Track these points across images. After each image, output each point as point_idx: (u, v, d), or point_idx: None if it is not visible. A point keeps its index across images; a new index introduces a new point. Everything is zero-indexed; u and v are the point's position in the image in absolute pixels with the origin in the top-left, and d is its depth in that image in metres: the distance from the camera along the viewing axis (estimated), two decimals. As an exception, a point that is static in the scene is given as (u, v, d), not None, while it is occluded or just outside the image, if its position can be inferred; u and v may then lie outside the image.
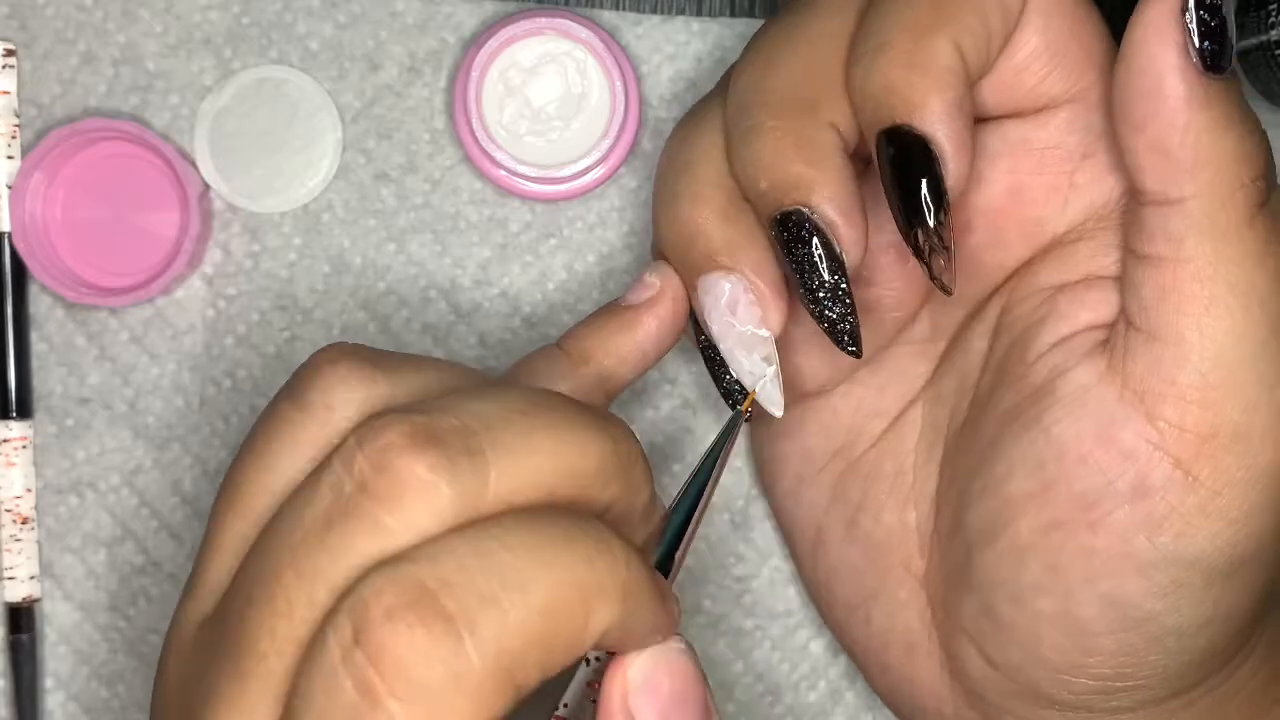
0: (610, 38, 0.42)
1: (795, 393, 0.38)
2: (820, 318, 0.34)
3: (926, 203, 0.32)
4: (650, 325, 0.35)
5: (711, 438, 0.43)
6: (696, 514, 0.34)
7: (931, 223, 0.32)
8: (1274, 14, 0.39)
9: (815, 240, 0.33)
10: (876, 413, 0.38)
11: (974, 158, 0.32)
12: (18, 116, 0.43)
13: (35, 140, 0.43)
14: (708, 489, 0.34)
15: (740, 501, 0.44)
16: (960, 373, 0.37)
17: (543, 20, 0.42)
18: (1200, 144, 0.31)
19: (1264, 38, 0.39)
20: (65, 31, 0.43)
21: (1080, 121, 0.34)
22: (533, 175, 0.42)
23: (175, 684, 0.31)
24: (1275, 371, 0.32)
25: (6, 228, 0.43)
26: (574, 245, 0.44)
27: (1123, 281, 0.33)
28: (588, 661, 0.31)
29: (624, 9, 0.44)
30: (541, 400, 0.30)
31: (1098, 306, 0.34)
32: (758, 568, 0.44)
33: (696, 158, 0.35)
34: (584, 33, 0.42)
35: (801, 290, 0.34)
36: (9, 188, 0.42)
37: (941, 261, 0.32)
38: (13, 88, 0.43)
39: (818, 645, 0.44)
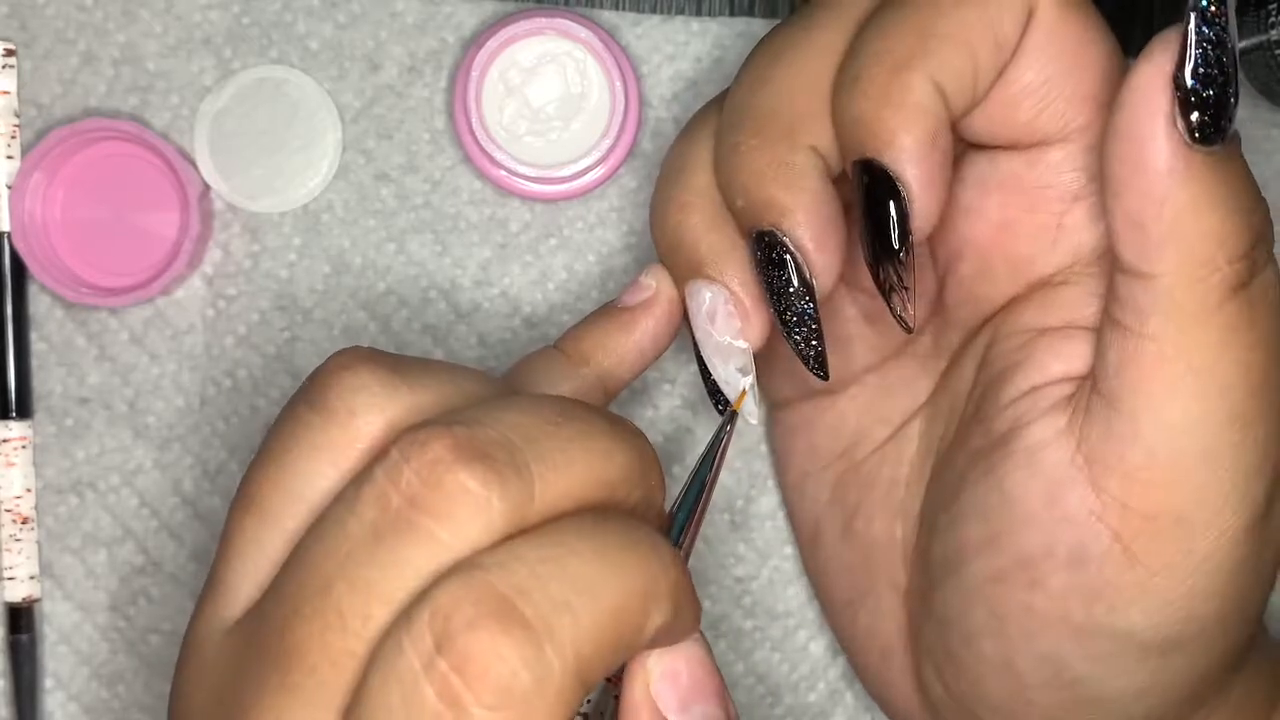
0: (610, 38, 0.42)
1: (802, 390, 0.39)
2: (788, 338, 0.34)
3: (890, 238, 0.32)
4: (647, 326, 0.36)
5: (709, 437, 0.44)
6: (698, 513, 0.34)
7: (890, 259, 0.32)
8: (1274, 14, 0.39)
9: (787, 263, 0.33)
10: (881, 419, 0.38)
11: (945, 196, 0.32)
12: (18, 116, 0.43)
13: (35, 140, 0.43)
14: (708, 488, 0.34)
15: (740, 502, 0.44)
16: (953, 395, 0.37)
17: (542, 20, 0.42)
18: (1176, 221, 0.30)
19: (1264, 37, 0.39)
20: (65, 31, 0.43)
21: (1073, 162, 0.33)
22: (533, 175, 0.42)
23: (205, 694, 0.31)
24: (1228, 460, 0.31)
25: (6, 228, 0.43)
26: (574, 245, 0.44)
27: (1098, 339, 0.32)
28: None
29: (624, 9, 0.44)
30: (570, 410, 0.30)
31: (1071, 359, 0.33)
32: (757, 568, 0.44)
33: (688, 165, 0.35)
34: (584, 33, 0.42)
35: (773, 310, 0.34)
36: (9, 188, 0.42)
37: (900, 299, 0.32)
38: (13, 87, 0.43)
39: (817, 646, 0.44)
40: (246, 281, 0.43)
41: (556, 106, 0.43)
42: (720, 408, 0.36)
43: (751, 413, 0.35)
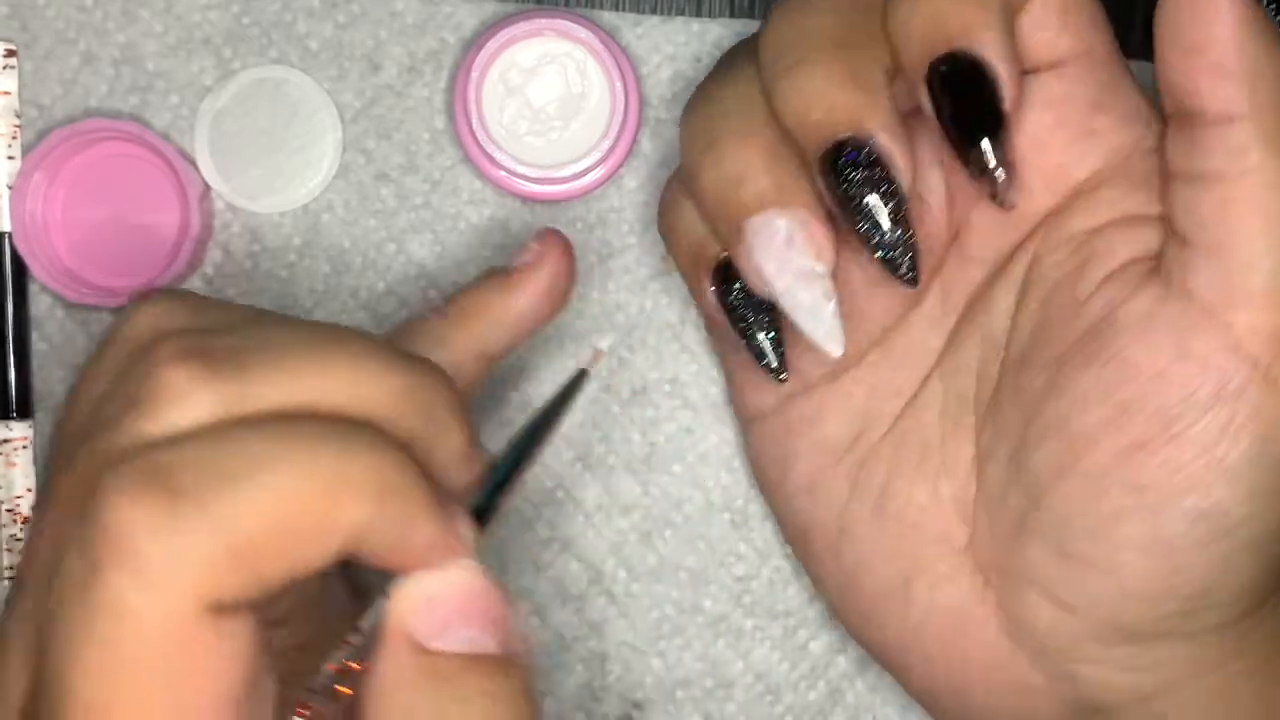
0: (610, 38, 0.42)
1: (798, 386, 0.38)
2: (878, 246, 0.35)
3: (988, 123, 0.34)
4: (528, 289, 0.37)
5: (712, 437, 0.44)
6: (526, 462, 0.34)
7: (991, 144, 0.34)
8: (1273, 13, 0.39)
9: (873, 167, 0.34)
10: (893, 393, 0.38)
11: (1023, 84, 0.34)
12: (18, 117, 0.43)
13: (36, 140, 0.43)
14: (540, 438, 0.34)
15: (740, 501, 0.44)
16: (983, 337, 0.37)
17: (542, 21, 0.42)
18: (1258, 63, 0.33)
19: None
20: (66, 32, 0.43)
21: (1092, 73, 0.36)
22: (533, 175, 0.42)
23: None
24: None
25: (7, 228, 0.43)
26: (575, 246, 0.44)
27: (1172, 207, 0.34)
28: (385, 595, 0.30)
29: (624, 9, 0.44)
30: (336, 331, 0.31)
31: (1134, 243, 0.35)
32: (757, 568, 0.44)
33: (733, 106, 0.35)
34: (584, 33, 0.42)
35: (856, 221, 0.35)
36: (10, 188, 0.43)
37: (1005, 178, 0.34)
38: (13, 88, 0.43)
39: (817, 645, 0.44)
40: (247, 281, 0.43)
41: (557, 107, 0.43)
42: (772, 367, 0.37)
43: (837, 340, 0.35)
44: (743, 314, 0.37)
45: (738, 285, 0.37)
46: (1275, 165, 0.33)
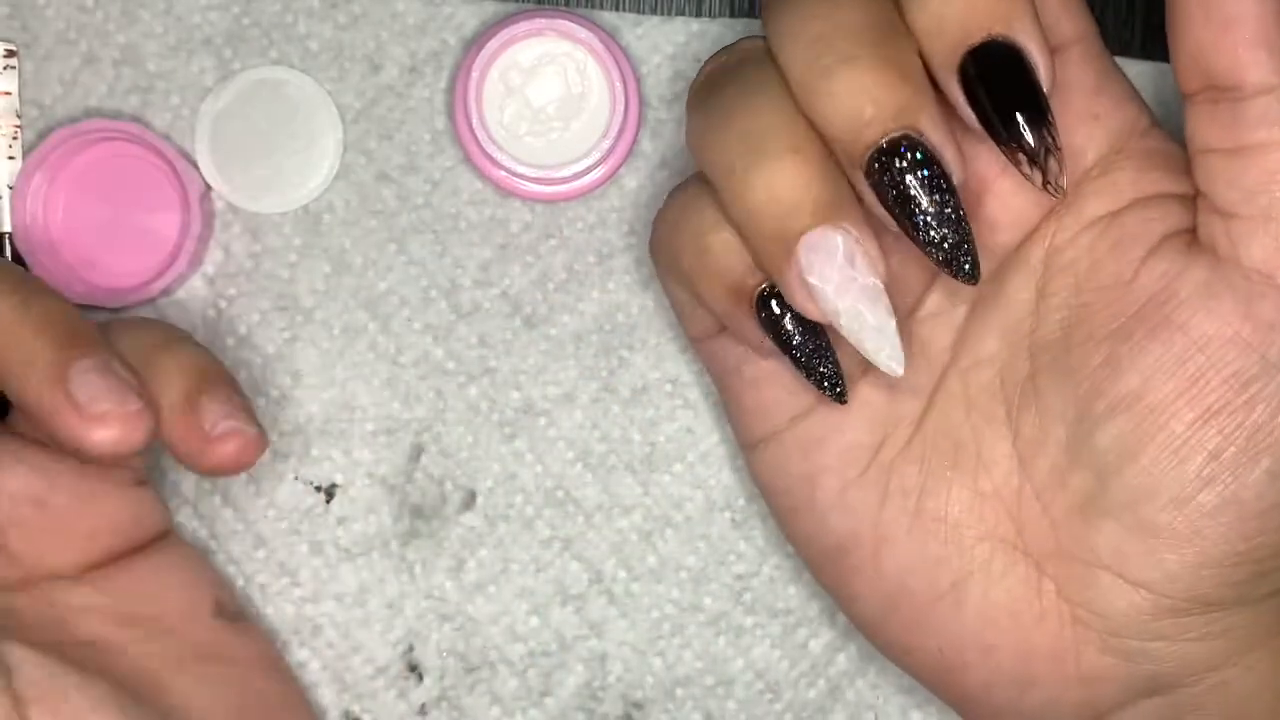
0: (610, 38, 0.42)
1: (815, 398, 0.38)
2: (935, 246, 0.34)
3: (1031, 108, 0.34)
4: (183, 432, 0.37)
5: (713, 437, 0.44)
6: None
7: (1037, 130, 0.34)
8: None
9: (928, 165, 0.33)
10: (909, 393, 0.38)
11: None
12: (19, 117, 0.43)
13: (37, 141, 0.43)
14: None
15: (740, 500, 0.44)
16: (1003, 329, 0.37)
17: (543, 21, 0.42)
18: None
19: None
20: (66, 32, 0.43)
21: (1090, 58, 0.36)
22: (533, 175, 0.42)
23: None
24: None
25: (8, 228, 0.43)
26: (574, 245, 0.44)
27: (1211, 182, 0.35)
28: None
29: (624, 9, 0.44)
30: None
31: (1165, 219, 0.36)
32: (757, 566, 0.44)
33: (773, 118, 0.34)
34: (584, 33, 0.42)
35: (913, 222, 0.34)
36: (10, 188, 0.43)
37: (1057, 163, 0.34)
38: (14, 88, 0.43)
39: (817, 643, 0.44)
40: (247, 281, 0.43)
41: (557, 107, 0.43)
42: (839, 396, 0.36)
43: (898, 359, 0.34)
44: (799, 343, 0.36)
45: (789, 315, 0.35)
46: None
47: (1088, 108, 0.36)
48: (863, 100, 0.33)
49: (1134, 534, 0.35)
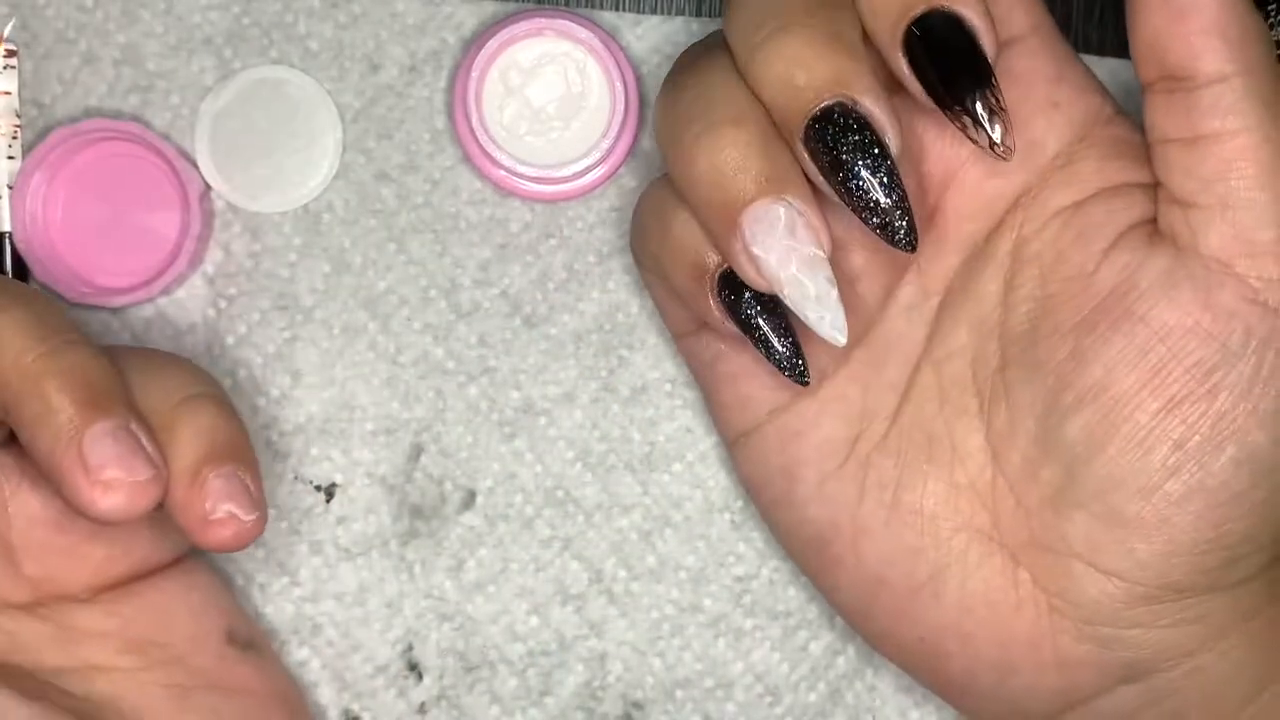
0: (610, 38, 0.42)
1: (793, 388, 0.38)
2: (870, 211, 0.34)
3: (974, 73, 0.34)
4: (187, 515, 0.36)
5: (712, 437, 0.44)
6: None
7: (980, 93, 0.34)
8: (1273, 14, 0.39)
9: (862, 132, 0.34)
10: (885, 388, 0.38)
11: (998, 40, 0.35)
12: (19, 116, 0.43)
13: (36, 140, 0.43)
14: None
15: (740, 501, 0.44)
16: (972, 321, 0.37)
17: (543, 21, 0.42)
18: (1245, 24, 0.34)
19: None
20: (66, 32, 0.43)
21: (1047, 47, 0.36)
22: (533, 175, 0.42)
23: None
24: None
25: (8, 228, 0.43)
26: (574, 245, 0.44)
27: (1168, 172, 0.35)
28: None
29: (624, 9, 0.44)
30: None
31: (1129, 209, 0.36)
32: (757, 568, 0.44)
33: (716, 93, 0.35)
34: (584, 33, 0.42)
35: (848, 191, 0.34)
36: (10, 188, 0.43)
37: (1002, 125, 0.34)
38: (14, 88, 0.43)
39: (817, 646, 0.44)
40: (247, 281, 0.43)
41: (557, 106, 0.43)
42: (801, 377, 0.36)
43: (841, 329, 0.35)
44: (757, 323, 0.36)
45: (748, 294, 0.36)
46: (1270, 119, 0.34)
47: (1048, 96, 0.36)
48: (794, 68, 0.34)
49: (1104, 524, 0.35)
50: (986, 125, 0.34)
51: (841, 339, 0.35)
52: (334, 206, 0.44)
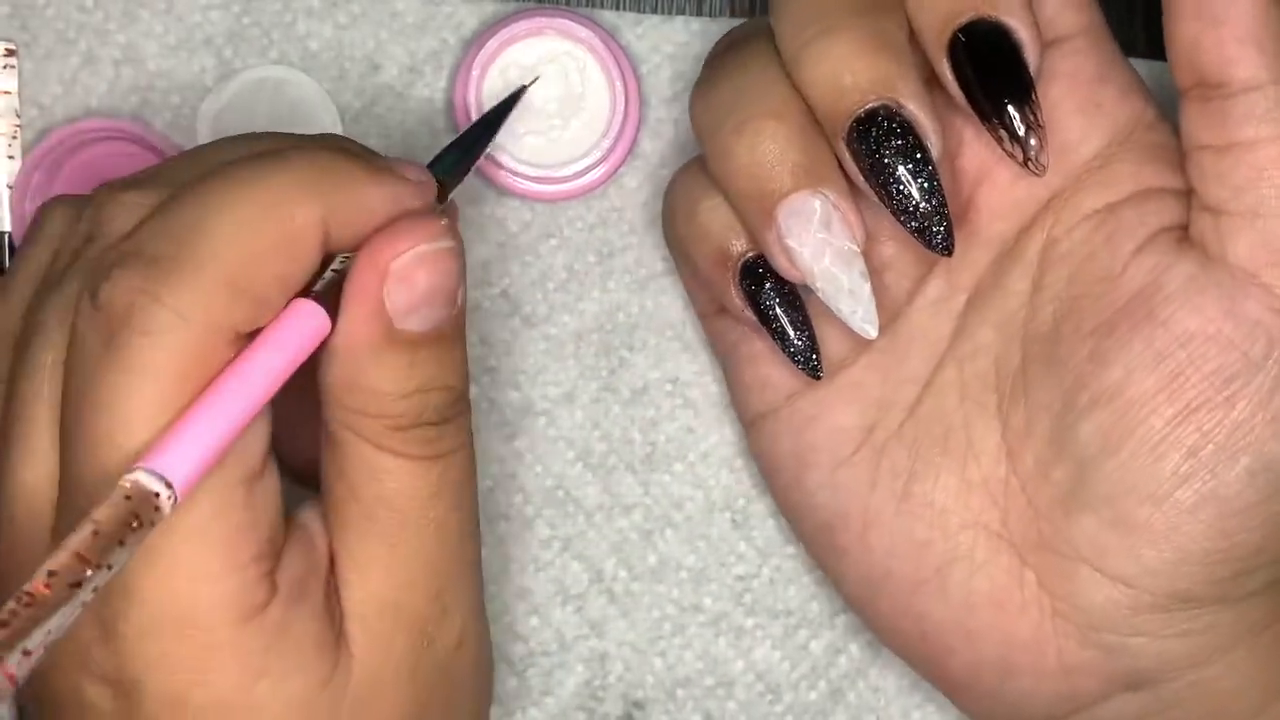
0: (610, 37, 0.42)
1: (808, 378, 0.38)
2: (911, 214, 0.35)
3: (1015, 86, 0.34)
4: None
5: (713, 437, 0.44)
6: (472, 154, 0.37)
7: (1020, 107, 0.34)
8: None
9: (905, 135, 0.34)
10: (906, 379, 0.38)
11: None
12: (19, 116, 0.43)
13: (36, 140, 0.43)
14: (481, 138, 0.37)
15: (740, 501, 0.44)
16: (999, 319, 0.37)
17: (543, 20, 0.42)
18: (1278, 28, 0.34)
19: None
20: (66, 32, 0.43)
21: (1094, 48, 0.36)
22: (533, 175, 0.42)
23: None
24: None
25: (7, 227, 0.43)
26: (574, 245, 0.44)
27: (1201, 179, 0.35)
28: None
29: (624, 9, 0.44)
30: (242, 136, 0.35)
31: (1161, 213, 0.36)
32: (758, 567, 0.44)
33: (759, 85, 0.35)
34: (584, 32, 0.42)
35: (888, 194, 0.35)
36: (10, 187, 0.43)
37: (1038, 141, 0.35)
38: (13, 88, 0.43)
39: (818, 645, 0.44)
40: (247, 281, 0.43)
41: (557, 106, 0.43)
42: (815, 371, 0.37)
43: (873, 322, 0.35)
44: (776, 314, 0.37)
45: (769, 285, 0.37)
46: None
47: (1090, 97, 0.36)
48: (841, 69, 0.34)
49: (1113, 528, 0.35)
50: (1022, 139, 0.34)
51: (873, 332, 0.35)
52: (334, 206, 0.44)
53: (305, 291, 0.32)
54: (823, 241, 0.35)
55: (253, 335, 0.31)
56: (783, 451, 0.39)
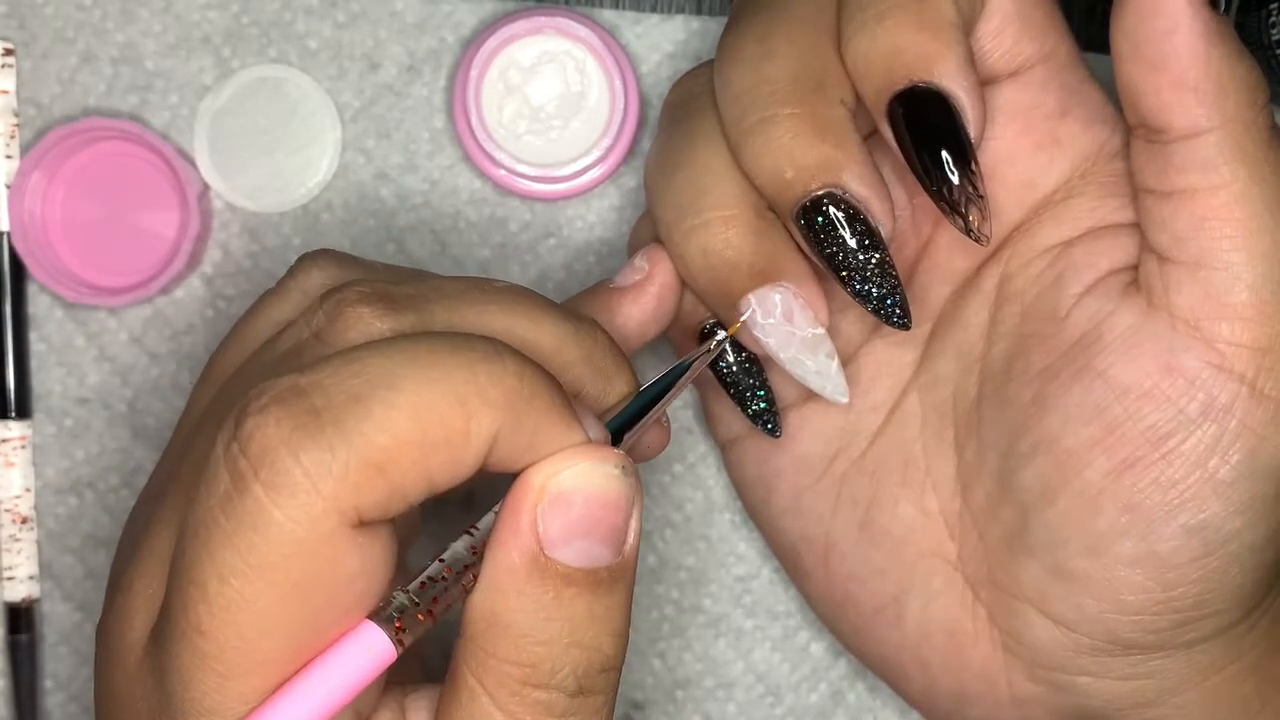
0: (610, 37, 0.42)
1: (780, 403, 0.38)
2: (866, 297, 0.34)
3: (953, 156, 0.33)
4: (632, 310, 0.36)
5: (711, 441, 0.44)
6: (661, 401, 0.34)
7: (957, 179, 0.33)
8: (1274, 14, 0.39)
9: (852, 220, 0.33)
10: (869, 408, 0.38)
11: (986, 108, 0.33)
12: (17, 116, 0.43)
13: (34, 139, 0.43)
14: (684, 379, 0.34)
15: (741, 502, 0.44)
16: (958, 351, 0.37)
17: (542, 19, 0.42)
18: (1220, 74, 0.32)
19: (1265, 39, 0.39)
20: (64, 31, 0.43)
21: (1055, 79, 0.35)
22: (532, 175, 0.42)
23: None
24: None
25: (6, 227, 0.43)
26: (574, 245, 0.44)
27: (1146, 222, 0.34)
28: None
29: (624, 8, 0.43)
30: (505, 286, 0.32)
31: (1113, 252, 0.35)
32: (758, 568, 0.44)
33: (708, 179, 0.35)
34: (583, 32, 0.42)
35: (841, 274, 0.34)
36: (8, 187, 0.42)
37: (979, 212, 0.33)
38: (12, 87, 0.43)
39: (819, 646, 0.44)
40: (246, 281, 0.43)
41: (556, 105, 0.43)
42: (773, 432, 0.37)
43: (843, 392, 0.35)
44: (736, 381, 0.37)
45: (730, 357, 0.37)
46: (1246, 175, 0.32)
47: (1050, 133, 0.35)
48: (781, 160, 0.33)
49: (1053, 576, 0.35)
50: (963, 213, 0.33)
51: (844, 400, 0.35)
52: (333, 206, 0.43)
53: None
54: (787, 333, 0.35)
55: (367, 527, 0.28)
56: (750, 476, 0.40)
